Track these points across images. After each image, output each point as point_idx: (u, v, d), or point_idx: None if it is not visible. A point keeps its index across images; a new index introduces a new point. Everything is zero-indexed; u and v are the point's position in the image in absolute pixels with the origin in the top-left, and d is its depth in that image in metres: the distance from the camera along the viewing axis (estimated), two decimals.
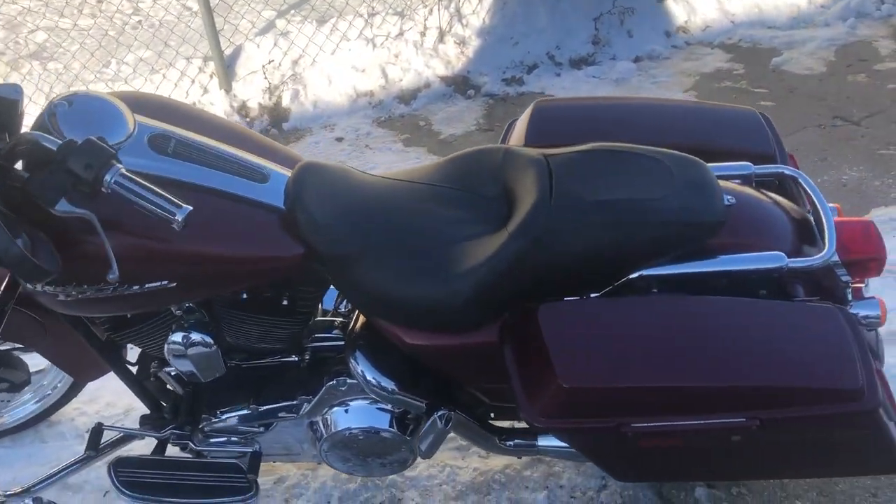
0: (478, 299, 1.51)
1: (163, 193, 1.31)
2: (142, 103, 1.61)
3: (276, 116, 4.03)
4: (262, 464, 1.82)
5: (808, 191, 1.66)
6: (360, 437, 1.73)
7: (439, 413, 1.69)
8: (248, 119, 4.00)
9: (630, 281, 1.54)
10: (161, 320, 1.67)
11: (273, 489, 2.03)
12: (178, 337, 1.63)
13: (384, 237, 1.56)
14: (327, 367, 1.75)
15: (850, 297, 1.65)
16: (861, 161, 3.27)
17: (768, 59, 4.15)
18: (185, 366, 1.67)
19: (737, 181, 1.71)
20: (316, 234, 1.53)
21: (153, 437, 1.83)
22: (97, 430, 1.84)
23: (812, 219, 1.67)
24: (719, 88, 3.94)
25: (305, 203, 1.55)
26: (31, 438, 2.25)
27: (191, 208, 1.33)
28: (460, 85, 4.17)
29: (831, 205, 1.77)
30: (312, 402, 1.74)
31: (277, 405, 1.77)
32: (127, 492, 1.77)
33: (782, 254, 1.52)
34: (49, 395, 2.23)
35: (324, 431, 1.75)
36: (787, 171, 1.71)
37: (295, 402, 1.76)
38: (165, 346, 1.65)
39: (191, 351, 1.64)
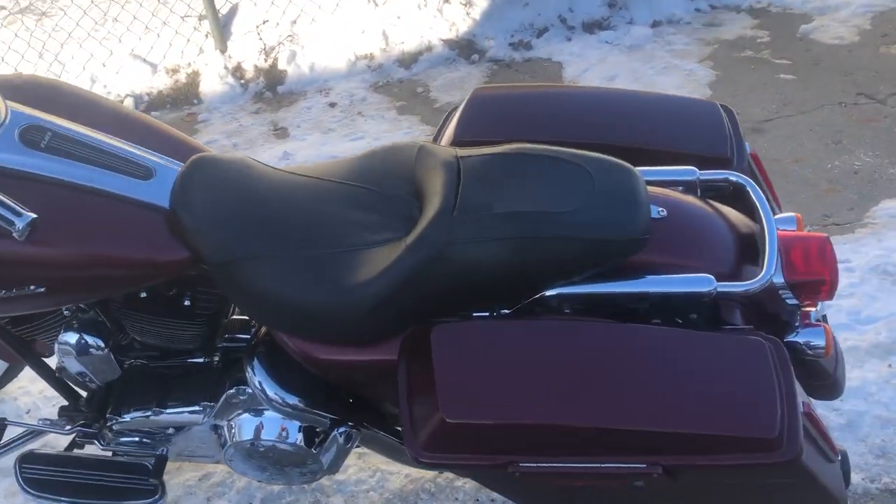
0: (371, 314, 1.38)
1: (5, 199, 1.21)
2: (27, 88, 1.51)
3: (272, 79, 3.91)
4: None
5: (756, 202, 1.48)
6: (261, 449, 1.63)
7: (340, 430, 1.59)
8: (243, 81, 3.89)
9: (543, 299, 1.40)
10: (54, 318, 1.59)
11: (196, 486, 1.97)
12: (66, 337, 1.55)
13: (274, 243, 1.43)
14: (231, 372, 1.65)
15: (797, 322, 1.48)
16: (880, 145, 3.00)
17: (797, 26, 3.85)
18: (76, 367, 1.59)
19: (679, 188, 1.53)
20: (198, 237, 1.42)
21: (58, 433, 1.77)
22: (1, 426, 1.79)
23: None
24: (738, 59, 3.68)
25: (189, 203, 1.43)
26: None
27: (34, 216, 1.23)
28: (464, 49, 3.98)
29: (788, 214, 1.59)
30: (215, 409, 1.65)
31: (182, 408, 1.68)
32: (30, 490, 1.72)
33: (710, 277, 1.36)
34: None
35: (227, 438, 1.66)
36: (733, 178, 1.52)
37: (198, 407, 1.67)
38: (55, 345, 1.57)
39: (79, 353, 1.55)
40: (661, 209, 1.41)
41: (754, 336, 1.33)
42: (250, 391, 1.60)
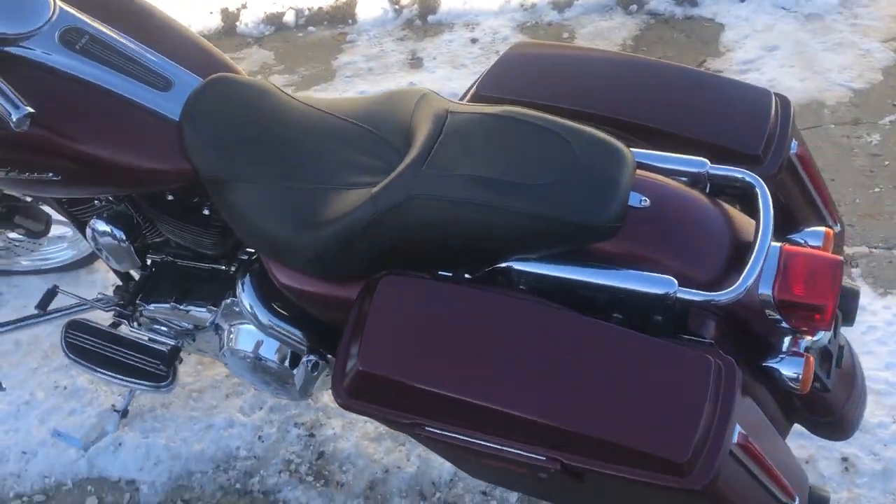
0: (329, 254, 1.41)
1: (8, 91, 1.34)
2: None
3: (425, 7, 3.92)
4: None
5: (760, 206, 1.33)
6: (248, 360, 1.73)
7: (308, 357, 1.64)
8: (397, 7, 3.94)
9: (499, 270, 1.36)
10: (94, 206, 1.75)
11: (222, 382, 2.12)
12: (95, 224, 1.71)
13: (261, 169, 1.49)
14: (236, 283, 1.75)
15: (784, 347, 1.34)
16: None
17: None
18: (101, 252, 1.75)
19: (684, 180, 1.41)
20: (195, 152, 1.50)
21: (98, 308, 1.97)
22: (51, 292, 2.01)
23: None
24: None
25: (195, 119, 1.52)
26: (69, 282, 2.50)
27: (30, 110, 1.35)
28: None
29: (818, 229, 1.42)
30: (217, 314, 1.77)
31: (193, 307, 1.82)
32: (69, 352, 1.93)
33: (671, 280, 1.25)
34: (84, 245, 2.45)
35: (224, 342, 1.77)
36: (746, 178, 1.37)
37: (205, 310, 1.79)
38: (87, 230, 1.73)
39: (102, 240, 1.71)
40: (644, 198, 1.31)
41: (707, 352, 1.22)
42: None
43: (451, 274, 1.41)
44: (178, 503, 1.89)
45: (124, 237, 1.71)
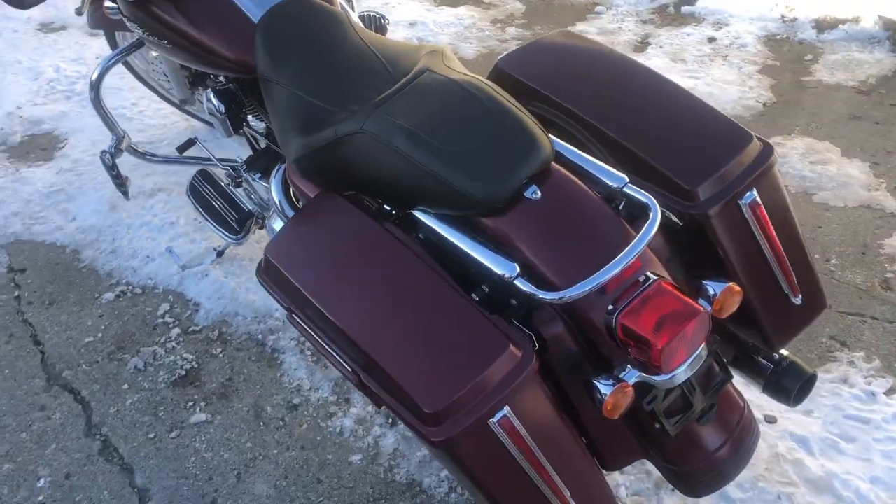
0: (300, 161, 1.67)
1: None
2: None
3: None
4: None
5: (643, 229, 1.34)
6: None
7: None
8: None
9: (409, 216, 1.53)
10: (211, 80, 2.19)
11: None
12: (206, 94, 2.14)
13: (291, 79, 1.78)
14: None
15: (622, 371, 1.35)
16: None
17: None
18: (209, 116, 2.18)
19: (599, 190, 1.45)
20: (257, 51, 1.83)
21: (216, 167, 2.43)
22: (190, 141, 2.50)
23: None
24: None
25: (267, 25, 1.84)
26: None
27: None
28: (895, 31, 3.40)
29: (724, 283, 1.38)
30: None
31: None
32: (188, 192, 2.43)
33: (514, 266, 1.35)
34: None
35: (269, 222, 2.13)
36: (644, 200, 1.38)
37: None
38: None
39: (207, 106, 2.14)
40: (537, 191, 1.40)
41: (515, 340, 1.30)
42: None
43: (388, 207, 1.60)
44: (216, 332, 2.34)
45: (222, 110, 2.12)
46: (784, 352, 1.65)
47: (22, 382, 2.22)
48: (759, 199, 1.46)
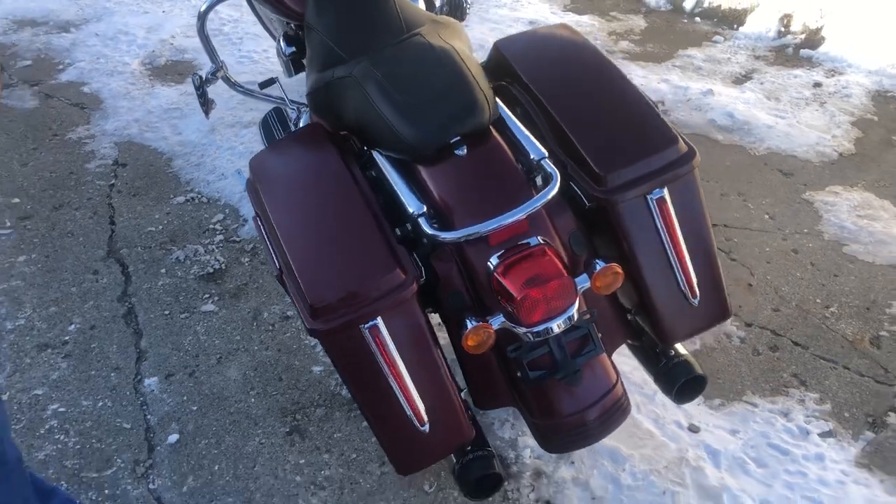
0: (311, 95, 1.95)
1: None
2: None
3: (809, 41, 3.82)
4: None
5: (539, 193, 1.51)
6: None
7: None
8: (784, 29, 3.90)
9: (369, 155, 1.77)
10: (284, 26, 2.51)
11: None
12: (280, 38, 2.46)
13: (328, 29, 2.03)
14: None
15: (494, 319, 1.52)
16: None
17: None
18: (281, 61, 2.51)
19: (524, 160, 1.62)
20: (308, 3, 2.12)
21: (286, 106, 2.75)
22: (271, 80, 2.83)
23: None
24: None
25: None
26: None
27: None
28: None
29: (607, 264, 1.52)
30: None
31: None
32: (260, 125, 2.76)
33: (421, 206, 1.55)
34: None
35: None
36: (546, 166, 1.55)
37: None
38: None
39: (276, 48, 2.46)
40: (464, 149, 1.60)
41: (404, 268, 1.50)
42: None
43: (365, 148, 1.84)
44: (250, 246, 2.67)
45: (286, 52, 2.43)
46: (682, 349, 1.74)
47: (88, 249, 2.65)
48: (667, 197, 1.57)
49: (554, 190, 1.52)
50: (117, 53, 3.88)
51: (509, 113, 1.71)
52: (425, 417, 1.54)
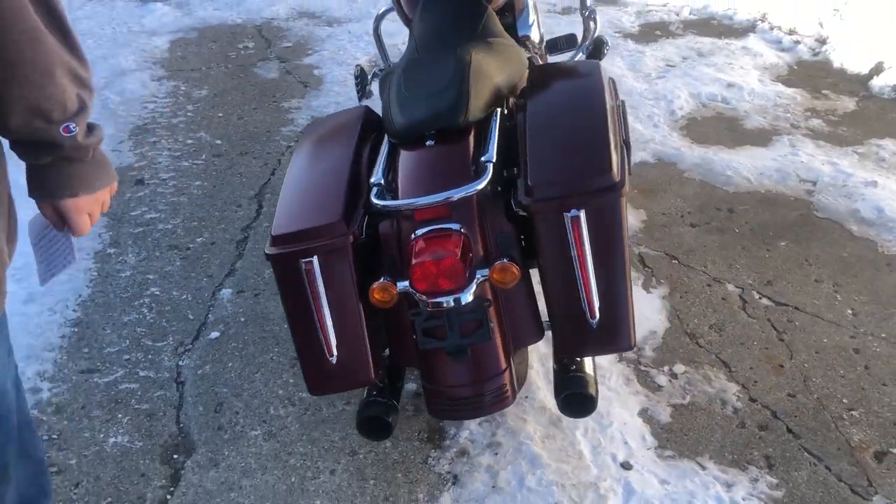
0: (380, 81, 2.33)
1: None
2: None
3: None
4: None
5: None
6: None
7: None
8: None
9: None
10: None
11: None
12: None
13: (418, 34, 2.38)
14: None
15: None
16: None
17: None
18: None
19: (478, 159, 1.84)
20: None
21: None
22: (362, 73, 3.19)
23: None
24: None
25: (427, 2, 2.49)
26: None
27: None
28: None
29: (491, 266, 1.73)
30: None
31: None
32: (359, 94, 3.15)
33: (381, 179, 1.85)
34: None
35: None
36: (484, 174, 1.75)
37: None
38: None
39: None
40: (432, 142, 1.88)
41: (350, 219, 1.82)
42: None
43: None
44: None
45: None
46: (588, 366, 1.83)
47: (244, 188, 3.29)
48: (583, 218, 1.70)
49: (477, 187, 1.73)
50: (355, 49, 4.57)
51: (498, 120, 1.93)
52: (335, 351, 1.83)
